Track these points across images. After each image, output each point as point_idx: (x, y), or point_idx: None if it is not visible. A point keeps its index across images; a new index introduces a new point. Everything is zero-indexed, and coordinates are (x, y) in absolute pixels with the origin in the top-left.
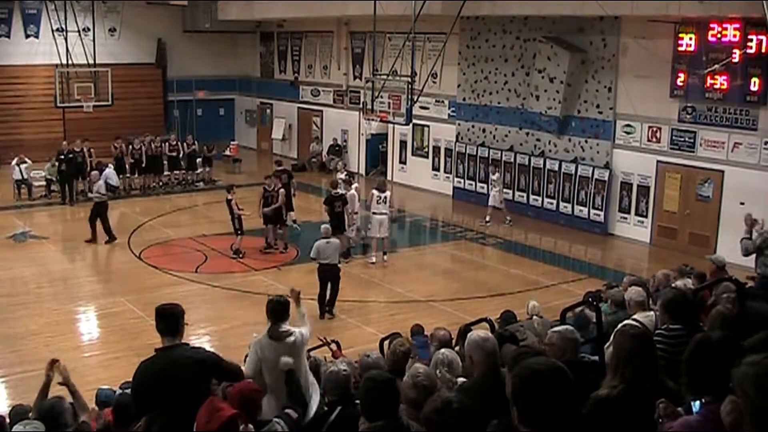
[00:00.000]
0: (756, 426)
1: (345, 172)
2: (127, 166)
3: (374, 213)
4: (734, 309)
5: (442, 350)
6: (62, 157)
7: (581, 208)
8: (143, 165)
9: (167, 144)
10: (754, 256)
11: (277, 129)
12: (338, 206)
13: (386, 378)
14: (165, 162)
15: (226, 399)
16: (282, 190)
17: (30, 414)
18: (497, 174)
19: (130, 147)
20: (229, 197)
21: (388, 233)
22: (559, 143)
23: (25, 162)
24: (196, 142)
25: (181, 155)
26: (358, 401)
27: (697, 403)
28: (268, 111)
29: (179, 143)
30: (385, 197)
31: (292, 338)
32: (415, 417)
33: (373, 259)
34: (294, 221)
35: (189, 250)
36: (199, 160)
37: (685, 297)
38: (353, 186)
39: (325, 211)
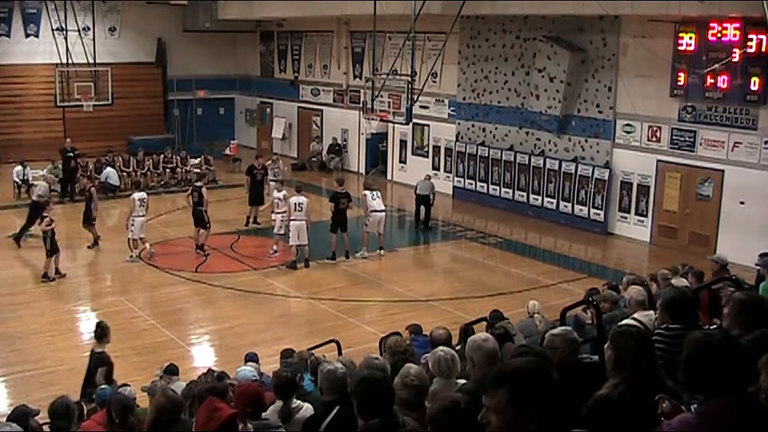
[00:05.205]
0: None
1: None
2: (117, 165)
3: (373, 210)
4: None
5: (441, 348)
6: (69, 154)
7: (581, 207)
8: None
9: (162, 156)
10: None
11: (277, 128)
12: (343, 203)
13: (380, 377)
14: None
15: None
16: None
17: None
18: (284, 191)
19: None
20: (46, 214)
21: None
22: (559, 142)
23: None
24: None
25: (175, 165)
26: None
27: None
28: (268, 110)
29: (173, 155)
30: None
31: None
32: (410, 415)
33: (366, 254)
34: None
35: (189, 250)
36: (197, 160)
37: (686, 296)
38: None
39: (330, 209)
